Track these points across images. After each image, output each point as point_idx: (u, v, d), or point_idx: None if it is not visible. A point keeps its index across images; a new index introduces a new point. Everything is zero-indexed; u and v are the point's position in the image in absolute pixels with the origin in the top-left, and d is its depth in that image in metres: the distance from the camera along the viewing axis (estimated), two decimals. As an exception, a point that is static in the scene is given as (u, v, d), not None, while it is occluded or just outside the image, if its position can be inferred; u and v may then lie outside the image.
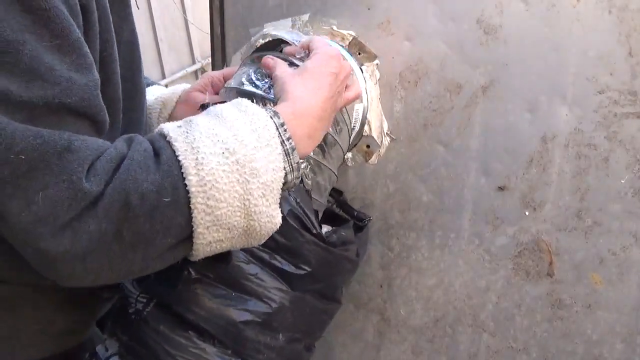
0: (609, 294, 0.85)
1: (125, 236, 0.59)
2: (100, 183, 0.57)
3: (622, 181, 0.82)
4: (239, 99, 0.70)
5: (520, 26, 0.84)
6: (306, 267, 0.82)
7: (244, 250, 0.77)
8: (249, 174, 0.63)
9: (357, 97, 0.87)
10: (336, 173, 0.94)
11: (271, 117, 0.67)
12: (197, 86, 0.98)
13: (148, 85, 1.02)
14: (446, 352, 0.99)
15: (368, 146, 1.00)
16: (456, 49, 0.89)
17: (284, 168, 0.67)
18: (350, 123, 0.94)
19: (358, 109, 0.97)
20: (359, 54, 0.98)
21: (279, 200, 0.68)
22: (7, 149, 0.53)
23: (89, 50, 0.60)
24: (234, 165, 0.63)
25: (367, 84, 0.97)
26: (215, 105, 0.69)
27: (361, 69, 0.97)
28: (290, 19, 0.99)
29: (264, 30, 0.95)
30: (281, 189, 0.68)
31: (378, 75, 0.97)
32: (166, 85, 1.04)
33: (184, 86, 1.03)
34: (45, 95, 0.55)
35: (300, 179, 0.72)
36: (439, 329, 0.99)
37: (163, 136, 0.64)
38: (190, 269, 0.76)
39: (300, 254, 0.81)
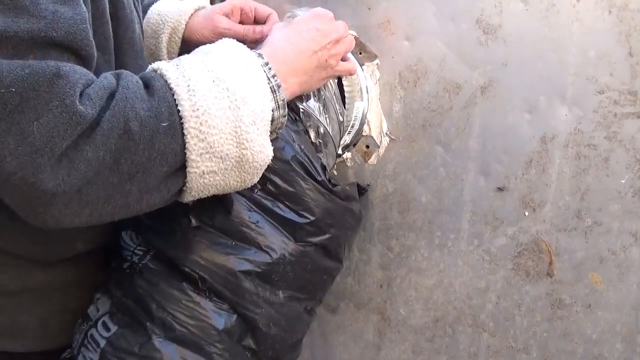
0: (609, 294, 0.85)
1: (123, 165, 0.59)
2: (94, 107, 0.57)
3: (622, 181, 0.82)
4: (225, 39, 0.73)
5: (520, 26, 0.84)
6: (309, 216, 0.81)
7: (245, 197, 0.77)
8: (239, 101, 0.65)
9: (351, 71, 0.90)
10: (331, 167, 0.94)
11: (256, 56, 0.70)
12: (225, 8, 0.96)
13: (152, 2, 1.00)
14: (446, 352, 0.99)
15: (367, 146, 1.00)
16: (455, 48, 0.89)
17: (270, 101, 0.69)
18: (342, 113, 0.94)
19: (358, 107, 0.97)
20: (360, 53, 0.98)
21: (269, 132, 0.69)
22: None
23: None
24: (224, 92, 0.64)
25: (367, 83, 0.97)
26: (203, 45, 0.72)
27: (362, 69, 0.97)
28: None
29: (293, 11, 0.96)
30: (270, 126, 0.70)
31: (378, 75, 0.97)
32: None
33: (195, 3, 0.99)
34: (31, 29, 0.55)
35: (286, 117, 0.74)
36: (439, 329, 0.99)
37: (153, 70, 0.65)
38: (191, 217, 0.76)
39: (303, 201, 0.80)
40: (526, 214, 0.88)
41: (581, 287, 0.86)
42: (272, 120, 0.70)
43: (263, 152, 0.68)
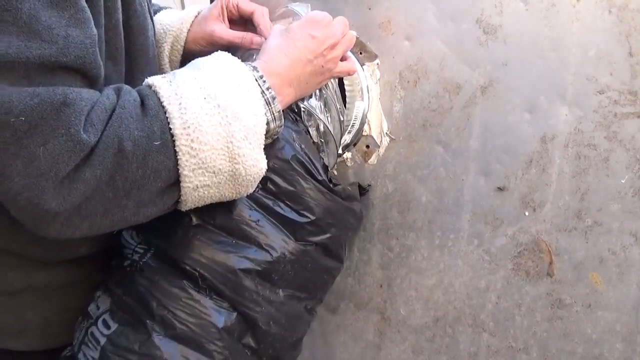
0: (609, 294, 0.85)
1: (118, 182, 0.61)
2: (96, 134, 0.59)
3: (622, 181, 0.82)
4: (219, 52, 0.73)
5: (520, 26, 0.84)
6: (309, 215, 0.81)
7: (246, 197, 0.77)
8: (230, 118, 0.66)
9: (350, 71, 0.89)
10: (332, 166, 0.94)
11: (250, 70, 0.71)
12: (215, 11, 0.96)
13: (155, 12, 1.00)
14: (446, 352, 0.99)
15: (367, 146, 1.00)
16: (455, 48, 0.89)
17: (265, 114, 0.70)
18: (343, 112, 0.94)
19: (359, 106, 0.97)
20: (360, 53, 0.98)
21: (262, 146, 0.70)
22: (7, 113, 0.55)
23: (86, 5, 0.61)
24: (215, 109, 0.65)
25: (367, 82, 0.97)
26: (197, 59, 0.72)
27: (362, 68, 0.98)
28: (291, 18, 0.99)
29: (289, 6, 0.95)
30: (265, 136, 0.70)
31: (378, 75, 0.97)
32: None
33: (195, 10, 0.99)
34: (42, 55, 0.56)
35: (282, 126, 0.74)
36: (439, 329, 0.99)
37: (149, 86, 0.67)
38: (192, 216, 0.76)
39: (303, 200, 0.80)
40: (526, 213, 0.88)
41: (581, 287, 0.86)
42: (268, 132, 0.72)
43: (256, 166, 0.69)
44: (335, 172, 1.03)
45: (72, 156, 0.58)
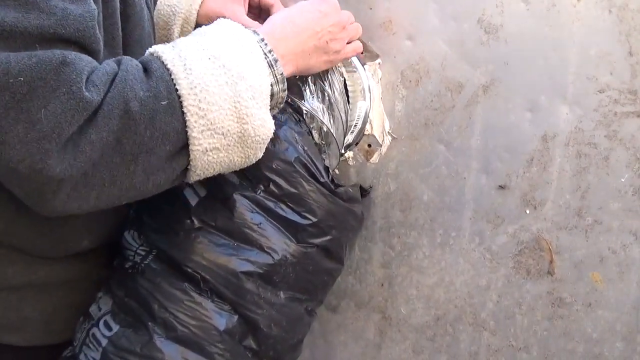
0: (609, 293, 0.85)
1: (126, 145, 0.60)
2: (99, 93, 0.58)
3: (622, 180, 0.82)
4: (221, 19, 0.73)
5: (521, 26, 0.85)
6: (311, 217, 0.81)
7: (248, 198, 0.77)
8: (236, 77, 0.65)
9: (357, 49, 0.89)
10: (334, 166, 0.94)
11: (251, 33, 0.71)
12: None
13: None
14: (447, 351, 1.00)
15: (369, 145, 1.00)
16: (457, 48, 0.90)
17: (269, 75, 0.69)
18: (347, 114, 0.94)
19: (361, 106, 0.97)
20: (362, 53, 0.98)
21: (269, 107, 0.70)
22: (5, 74, 0.54)
23: None
24: (221, 69, 0.65)
25: (369, 82, 0.98)
26: (199, 28, 0.72)
27: (364, 68, 0.98)
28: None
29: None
30: (269, 100, 0.70)
31: (380, 75, 0.98)
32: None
33: None
34: (41, 26, 0.56)
35: (286, 91, 0.74)
36: (439, 328, 1.00)
37: (151, 53, 0.66)
38: (194, 218, 0.76)
39: (305, 202, 0.80)
40: (527, 212, 0.89)
41: (582, 286, 0.87)
42: (272, 95, 0.71)
43: (264, 126, 0.68)
44: (337, 172, 1.03)
45: (76, 115, 0.56)
